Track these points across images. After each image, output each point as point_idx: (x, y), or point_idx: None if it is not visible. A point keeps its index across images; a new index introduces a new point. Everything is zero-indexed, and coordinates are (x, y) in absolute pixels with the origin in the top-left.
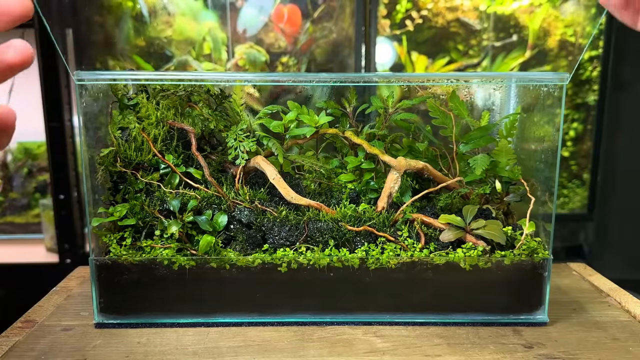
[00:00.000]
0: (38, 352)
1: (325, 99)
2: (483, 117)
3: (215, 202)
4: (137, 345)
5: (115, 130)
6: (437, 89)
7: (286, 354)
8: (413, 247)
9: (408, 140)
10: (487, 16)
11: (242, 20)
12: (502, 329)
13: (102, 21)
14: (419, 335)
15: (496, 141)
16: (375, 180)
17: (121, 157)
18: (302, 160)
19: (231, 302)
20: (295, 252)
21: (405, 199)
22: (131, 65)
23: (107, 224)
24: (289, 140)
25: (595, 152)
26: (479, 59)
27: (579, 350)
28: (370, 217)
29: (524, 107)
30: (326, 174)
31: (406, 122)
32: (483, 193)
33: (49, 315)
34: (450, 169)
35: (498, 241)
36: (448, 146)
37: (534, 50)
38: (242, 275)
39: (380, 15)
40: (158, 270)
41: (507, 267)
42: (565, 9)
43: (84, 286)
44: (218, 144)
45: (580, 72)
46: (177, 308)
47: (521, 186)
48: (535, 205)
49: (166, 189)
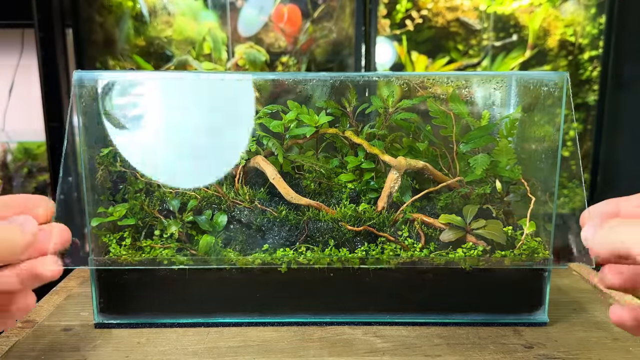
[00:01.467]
0: (38, 352)
1: (325, 99)
2: (483, 117)
3: (215, 202)
4: (137, 345)
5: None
6: (437, 88)
7: (286, 354)
8: (413, 247)
9: (408, 140)
10: (487, 16)
11: (242, 20)
12: (502, 329)
13: (102, 21)
14: (419, 335)
15: (496, 141)
16: (375, 180)
17: (121, 157)
18: (302, 160)
19: (231, 302)
20: (295, 252)
21: (405, 198)
22: (131, 65)
23: (106, 223)
24: (289, 140)
25: (595, 152)
26: (479, 59)
27: (579, 350)
28: (370, 217)
29: (524, 107)
30: (326, 173)
31: (406, 122)
32: (483, 193)
33: (49, 315)
34: (451, 168)
35: (498, 241)
36: (448, 146)
37: (534, 50)
38: (242, 275)
39: (380, 15)
40: (158, 270)
41: (507, 267)
42: (565, 8)
43: (84, 286)
44: None
45: (580, 72)
46: (177, 308)
47: (521, 186)
48: (536, 205)
49: (166, 189)
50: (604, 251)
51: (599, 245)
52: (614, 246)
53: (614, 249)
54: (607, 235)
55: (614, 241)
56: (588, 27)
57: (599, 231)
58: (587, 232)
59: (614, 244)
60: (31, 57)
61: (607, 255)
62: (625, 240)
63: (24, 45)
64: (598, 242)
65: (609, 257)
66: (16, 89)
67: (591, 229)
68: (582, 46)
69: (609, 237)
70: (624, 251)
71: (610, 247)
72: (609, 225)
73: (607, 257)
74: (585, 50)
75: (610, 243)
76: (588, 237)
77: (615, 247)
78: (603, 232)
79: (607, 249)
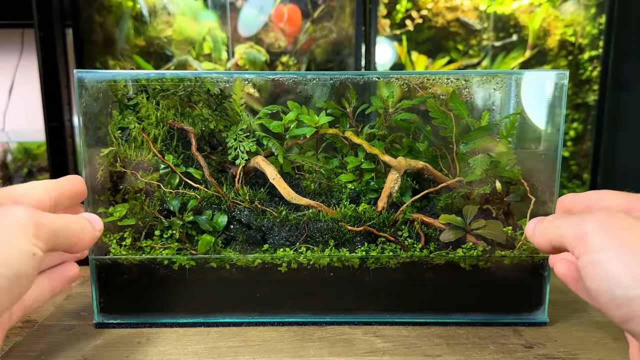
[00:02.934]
0: (38, 352)
1: (325, 99)
2: (483, 117)
3: (215, 202)
4: (137, 345)
5: (115, 130)
6: (437, 89)
7: (286, 354)
8: (413, 247)
9: (408, 140)
10: (487, 16)
11: (242, 20)
12: (502, 329)
13: (102, 21)
14: (419, 335)
15: (496, 141)
16: (375, 180)
17: (121, 157)
18: (302, 160)
19: (231, 302)
20: (295, 252)
21: (405, 199)
22: (131, 65)
23: (106, 224)
24: (289, 140)
25: (595, 152)
26: (479, 59)
27: (579, 350)
28: (370, 217)
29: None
30: (326, 174)
31: (406, 122)
32: (483, 193)
33: (49, 315)
34: (451, 169)
35: (498, 241)
36: (448, 146)
37: (533, 50)
38: (242, 275)
39: (380, 15)
40: (158, 270)
41: (507, 267)
42: (565, 8)
43: (84, 286)
44: (218, 144)
45: (580, 72)
46: (177, 308)
47: (521, 186)
48: (536, 205)
49: (166, 189)
50: (543, 242)
51: (538, 237)
52: (550, 237)
53: (551, 240)
54: (546, 228)
55: (551, 233)
56: (588, 27)
57: (538, 225)
58: (529, 227)
59: (551, 235)
60: (31, 57)
61: (546, 246)
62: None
63: (24, 45)
64: (538, 233)
65: (548, 248)
66: (16, 89)
67: (532, 223)
68: (582, 46)
69: (547, 230)
70: (557, 240)
71: (547, 238)
72: (548, 219)
73: (547, 248)
74: (585, 50)
75: (547, 235)
76: (529, 231)
77: (551, 238)
78: (542, 225)
79: (545, 240)
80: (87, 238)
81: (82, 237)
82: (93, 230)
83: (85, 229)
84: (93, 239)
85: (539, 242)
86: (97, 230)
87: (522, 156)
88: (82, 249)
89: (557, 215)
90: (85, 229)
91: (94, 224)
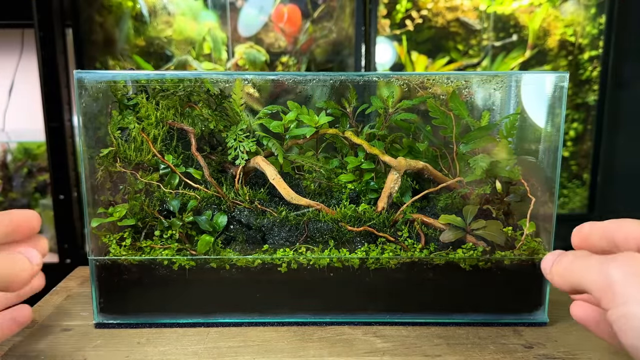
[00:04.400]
0: (38, 352)
1: (325, 99)
2: (483, 117)
3: (215, 203)
4: (137, 345)
5: (115, 131)
6: (437, 89)
7: (286, 354)
8: (413, 248)
9: (408, 140)
10: (487, 16)
11: (242, 20)
12: (502, 329)
13: (102, 21)
14: (419, 335)
15: (496, 141)
16: (375, 180)
17: (121, 157)
18: (302, 161)
19: (231, 302)
20: (295, 252)
21: (405, 199)
22: (131, 65)
23: (106, 224)
24: (289, 140)
25: (595, 152)
26: (479, 59)
27: (579, 350)
28: (370, 218)
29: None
30: (326, 174)
31: (406, 122)
32: (483, 193)
33: (49, 316)
34: (451, 169)
35: (498, 242)
36: (448, 146)
37: (533, 50)
38: (242, 275)
39: (380, 15)
40: (158, 271)
41: (507, 267)
42: (565, 9)
43: (84, 286)
44: (218, 144)
45: (580, 72)
46: (177, 308)
47: (521, 186)
48: (536, 205)
49: (166, 189)
50: (562, 284)
51: (557, 278)
52: (570, 282)
53: (571, 284)
54: (565, 270)
55: (571, 278)
56: (588, 27)
57: (556, 266)
58: (546, 262)
59: (570, 280)
60: (31, 57)
61: (564, 288)
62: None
63: (24, 45)
64: (556, 274)
65: (567, 290)
66: (16, 89)
67: (550, 260)
68: (582, 46)
69: (567, 273)
70: (579, 285)
71: (566, 281)
72: (567, 260)
73: (565, 289)
74: (585, 50)
75: (566, 278)
76: (545, 268)
77: (571, 283)
78: (560, 267)
79: (564, 282)
80: (24, 275)
81: (19, 275)
82: (31, 266)
83: (20, 265)
84: (31, 275)
85: (557, 283)
86: (35, 265)
87: (522, 156)
88: (20, 287)
89: (577, 254)
90: (20, 266)
91: (32, 260)
